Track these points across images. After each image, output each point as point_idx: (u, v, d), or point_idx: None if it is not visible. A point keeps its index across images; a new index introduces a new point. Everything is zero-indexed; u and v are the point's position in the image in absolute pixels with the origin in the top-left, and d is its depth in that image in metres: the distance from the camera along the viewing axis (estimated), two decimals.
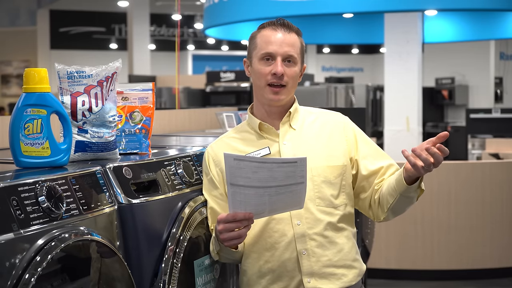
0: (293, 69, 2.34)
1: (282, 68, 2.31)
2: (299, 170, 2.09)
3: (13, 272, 1.64)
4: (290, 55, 2.33)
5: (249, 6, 7.66)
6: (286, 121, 2.40)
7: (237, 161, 2.08)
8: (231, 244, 2.25)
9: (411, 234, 6.05)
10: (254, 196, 2.12)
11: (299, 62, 2.38)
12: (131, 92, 2.47)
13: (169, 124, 4.13)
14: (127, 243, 2.10)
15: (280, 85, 2.33)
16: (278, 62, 2.31)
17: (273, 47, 2.32)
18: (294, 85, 2.37)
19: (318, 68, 22.37)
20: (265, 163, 2.10)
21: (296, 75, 2.36)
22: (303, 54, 2.43)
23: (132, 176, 2.17)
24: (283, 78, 2.32)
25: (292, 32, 2.37)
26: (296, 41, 2.38)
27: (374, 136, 9.96)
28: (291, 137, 2.38)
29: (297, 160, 2.09)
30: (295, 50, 2.35)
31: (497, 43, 15.65)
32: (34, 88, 2.00)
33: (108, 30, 19.23)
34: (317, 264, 2.29)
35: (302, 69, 2.43)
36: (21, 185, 1.76)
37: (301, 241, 2.29)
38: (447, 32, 10.88)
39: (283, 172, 2.09)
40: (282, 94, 2.34)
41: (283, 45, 2.33)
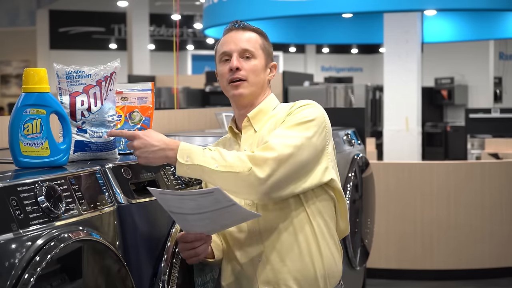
0: (251, 63, 2.30)
1: (237, 63, 2.28)
2: (221, 197, 2.01)
3: (12, 272, 1.64)
4: (246, 49, 2.30)
5: (249, 6, 7.66)
6: (247, 125, 2.35)
7: (162, 194, 2.09)
8: (192, 262, 2.24)
9: (410, 234, 6.05)
10: (196, 220, 2.11)
11: (259, 56, 2.33)
12: (131, 92, 2.47)
13: (168, 124, 4.12)
14: (126, 243, 2.10)
15: (239, 79, 2.29)
16: (233, 58, 2.29)
17: (228, 45, 2.32)
18: (256, 79, 2.31)
19: (317, 68, 22.37)
20: (185, 195, 2.08)
21: (256, 69, 2.31)
22: (267, 52, 2.37)
23: (131, 176, 2.17)
24: (240, 72, 2.29)
25: (248, 31, 2.35)
26: (253, 37, 2.34)
27: (374, 136, 9.96)
28: (253, 141, 2.31)
29: (213, 190, 2.00)
30: (251, 44, 2.32)
31: (497, 43, 15.66)
32: (33, 88, 2.00)
33: (108, 30, 19.23)
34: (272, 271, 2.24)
35: (269, 66, 2.39)
36: (20, 185, 1.75)
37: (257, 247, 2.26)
38: (447, 32, 10.89)
39: (207, 201, 2.04)
40: (242, 88, 2.30)
41: (237, 42, 2.31)
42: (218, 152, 2.12)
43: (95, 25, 18.95)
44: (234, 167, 2.08)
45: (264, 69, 2.35)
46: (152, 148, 2.12)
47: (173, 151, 2.12)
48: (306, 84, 11.21)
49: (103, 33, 19.11)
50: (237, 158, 2.10)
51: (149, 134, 2.15)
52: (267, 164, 2.08)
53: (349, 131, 4.25)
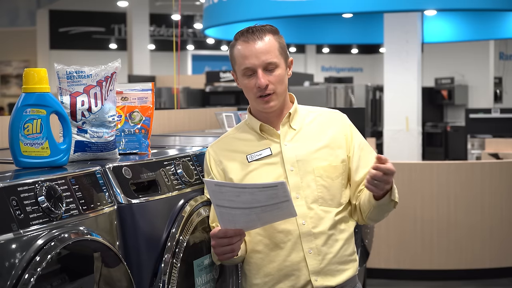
0: (276, 74, 2.32)
1: (264, 80, 2.29)
2: (281, 192, 2.09)
3: (12, 272, 1.64)
4: (269, 62, 2.30)
5: (249, 6, 7.66)
6: (286, 122, 2.41)
7: (218, 186, 2.12)
8: (224, 258, 2.29)
9: (410, 234, 6.05)
10: (241, 215, 2.16)
11: (281, 62, 2.34)
12: (131, 92, 2.47)
13: (168, 124, 4.13)
14: (126, 243, 2.10)
15: (268, 94, 2.32)
16: (259, 75, 2.30)
17: (250, 61, 2.30)
18: (283, 87, 2.36)
19: (317, 68, 22.38)
20: (245, 188, 2.13)
21: (281, 78, 2.34)
22: (284, 51, 2.38)
23: (131, 176, 2.17)
24: (269, 87, 2.31)
25: (264, 37, 2.32)
26: (272, 44, 2.33)
27: (374, 136, 9.96)
28: (292, 138, 2.40)
29: (278, 184, 2.09)
30: (272, 55, 2.31)
31: (497, 43, 15.66)
32: (33, 88, 2.00)
33: (108, 30, 19.24)
34: (323, 262, 2.33)
35: (288, 65, 2.41)
36: (20, 185, 1.76)
37: (307, 240, 2.32)
38: (447, 32, 10.90)
39: (266, 195, 2.10)
40: (273, 101, 2.34)
41: (259, 56, 2.29)
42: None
43: (95, 25, 18.96)
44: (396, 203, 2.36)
45: (286, 72, 2.39)
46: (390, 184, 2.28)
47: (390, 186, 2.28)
48: (306, 84, 11.21)
49: (103, 33, 19.12)
50: None
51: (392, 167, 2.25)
52: None
53: None
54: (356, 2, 7.02)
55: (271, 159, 2.37)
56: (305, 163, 2.35)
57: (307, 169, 2.34)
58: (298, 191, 2.33)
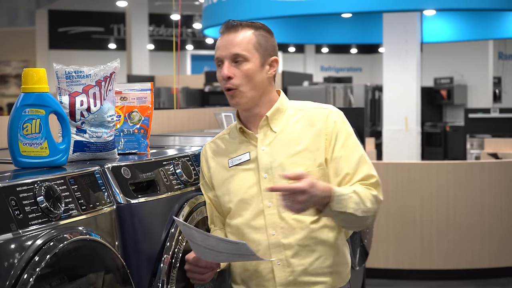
0: (243, 68, 2.21)
1: (227, 71, 2.20)
2: (244, 249, 2.05)
3: (11, 272, 1.64)
4: (235, 53, 2.21)
5: (248, 6, 7.67)
6: (264, 124, 2.28)
7: (187, 227, 2.12)
8: (196, 283, 2.27)
9: (410, 234, 6.05)
10: (211, 253, 2.14)
11: (253, 57, 2.22)
12: (130, 92, 2.47)
13: (167, 124, 4.12)
14: (125, 243, 2.10)
15: (230, 88, 2.23)
16: (224, 65, 2.22)
17: (219, 51, 2.24)
18: (251, 84, 2.23)
19: (316, 68, 22.38)
20: (210, 237, 2.11)
21: (250, 73, 2.21)
22: (263, 48, 2.25)
23: (130, 176, 2.17)
24: (231, 81, 2.21)
25: (240, 30, 2.23)
26: (245, 37, 2.22)
27: (373, 136, 9.97)
28: (271, 141, 2.26)
29: (239, 243, 2.05)
30: (242, 47, 2.21)
31: (496, 43, 15.66)
32: (32, 88, 2.00)
33: (107, 30, 19.23)
34: (292, 275, 2.23)
35: (268, 63, 2.28)
36: (19, 185, 1.76)
37: (276, 251, 2.23)
38: (446, 32, 10.90)
39: (230, 248, 2.10)
40: (236, 97, 2.23)
41: (227, 47, 2.22)
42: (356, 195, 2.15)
43: (94, 25, 18.95)
44: (372, 211, 2.17)
45: (261, 69, 2.25)
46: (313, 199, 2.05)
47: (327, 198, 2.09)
48: (305, 84, 11.22)
49: (102, 33, 19.11)
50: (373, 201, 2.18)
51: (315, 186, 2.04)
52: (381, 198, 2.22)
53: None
54: (355, 2, 7.02)
55: (248, 165, 2.28)
56: (280, 169, 2.21)
57: (281, 175, 2.16)
58: (271, 199, 2.22)
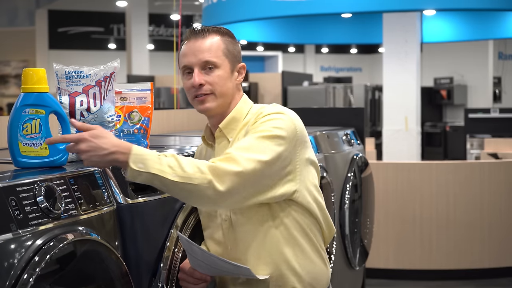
0: (215, 74, 2.17)
1: (198, 79, 2.16)
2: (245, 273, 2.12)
3: (11, 273, 1.64)
4: (206, 61, 2.17)
5: (248, 6, 7.67)
6: (220, 135, 2.24)
7: (189, 244, 2.15)
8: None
9: (409, 234, 6.05)
10: (209, 268, 2.18)
11: (223, 64, 2.19)
12: (130, 92, 2.46)
13: (167, 124, 4.13)
14: (125, 243, 2.10)
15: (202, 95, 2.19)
16: (194, 73, 2.17)
17: (187, 58, 2.19)
18: (223, 89, 2.19)
19: (316, 68, 22.37)
20: (212, 257, 2.16)
21: (221, 79, 2.18)
22: (232, 54, 2.22)
23: None
24: (204, 87, 2.17)
25: (207, 36, 2.19)
26: (214, 44, 2.19)
27: (373, 136, 9.97)
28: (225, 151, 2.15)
29: (242, 267, 2.12)
30: (211, 54, 2.17)
31: (496, 43, 15.66)
32: (32, 88, 2.00)
33: (107, 30, 19.22)
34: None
35: (236, 69, 2.25)
36: (19, 185, 1.76)
37: None
38: (446, 32, 10.90)
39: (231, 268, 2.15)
40: (208, 102, 2.19)
41: (196, 53, 2.18)
42: (175, 159, 1.96)
43: (94, 25, 18.95)
44: (193, 179, 1.94)
45: (230, 76, 2.22)
46: (100, 152, 1.91)
47: (125, 156, 1.92)
48: (305, 84, 11.21)
49: (102, 33, 19.11)
50: (196, 169, 1.96)
51: (97, 135, 1.92)
52: (229, 178, 1.97)
53: (349, 131, 4.25)
54: (355, 2, 7.02)
55: None
56: None
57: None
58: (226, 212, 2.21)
